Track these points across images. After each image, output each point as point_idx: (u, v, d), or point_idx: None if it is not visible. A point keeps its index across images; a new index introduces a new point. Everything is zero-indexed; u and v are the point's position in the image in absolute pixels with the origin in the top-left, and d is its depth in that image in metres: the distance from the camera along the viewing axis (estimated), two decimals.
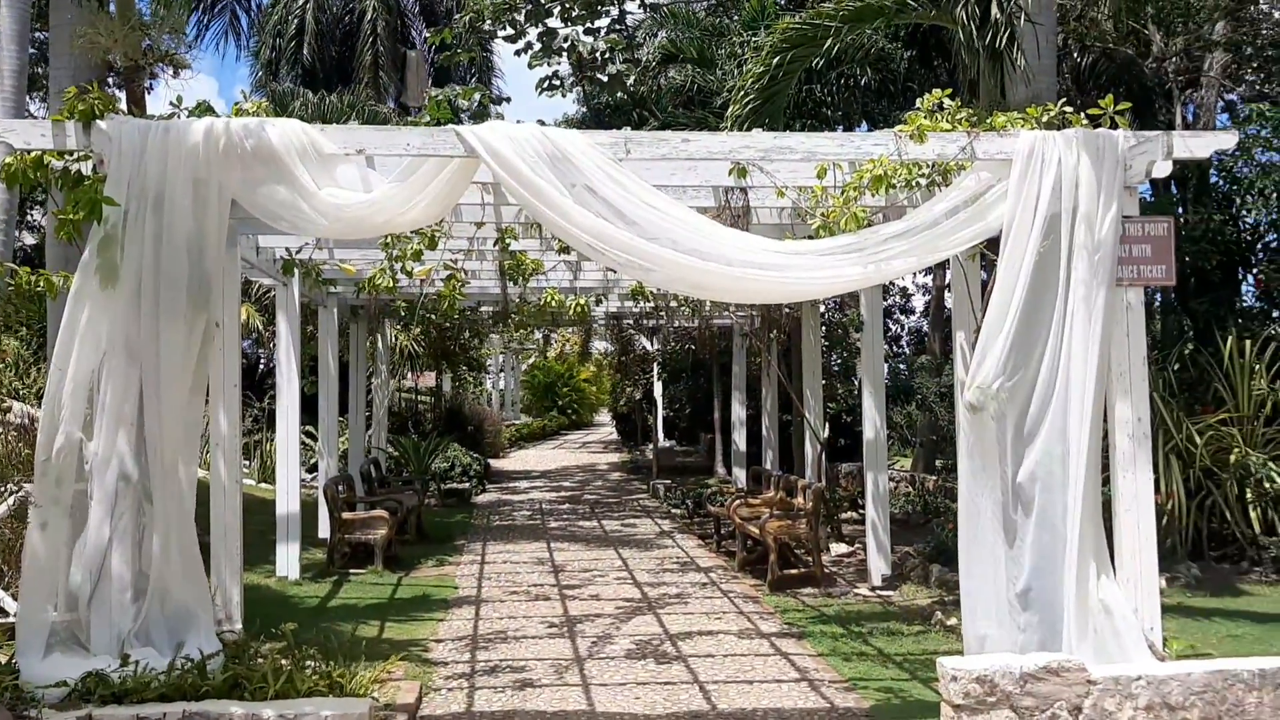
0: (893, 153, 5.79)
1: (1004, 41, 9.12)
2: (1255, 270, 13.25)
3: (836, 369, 16.34)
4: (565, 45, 15.66)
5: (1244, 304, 13.90)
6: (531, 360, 36.41)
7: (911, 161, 6.05)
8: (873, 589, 9.82)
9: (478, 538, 12.92)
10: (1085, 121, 6.06)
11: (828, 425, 12.40)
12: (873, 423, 10.04)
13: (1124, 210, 5.90)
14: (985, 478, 5.89)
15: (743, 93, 9.22)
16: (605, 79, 15.18)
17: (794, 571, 10.25)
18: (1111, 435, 5.93)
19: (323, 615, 8.55)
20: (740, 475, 16.24)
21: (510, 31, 16.19)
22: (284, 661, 5.67)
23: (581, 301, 9.60)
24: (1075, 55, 15.08)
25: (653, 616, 8.61)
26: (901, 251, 5.85)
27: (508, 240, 7.78)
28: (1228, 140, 6.10)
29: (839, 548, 11.82)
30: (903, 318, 22.04)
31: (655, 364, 23.95)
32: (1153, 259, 5.97)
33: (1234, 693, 5.10)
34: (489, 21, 16.42)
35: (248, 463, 16.21)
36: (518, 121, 6.05)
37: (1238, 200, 13.28)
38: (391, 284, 6.92)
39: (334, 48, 30.53)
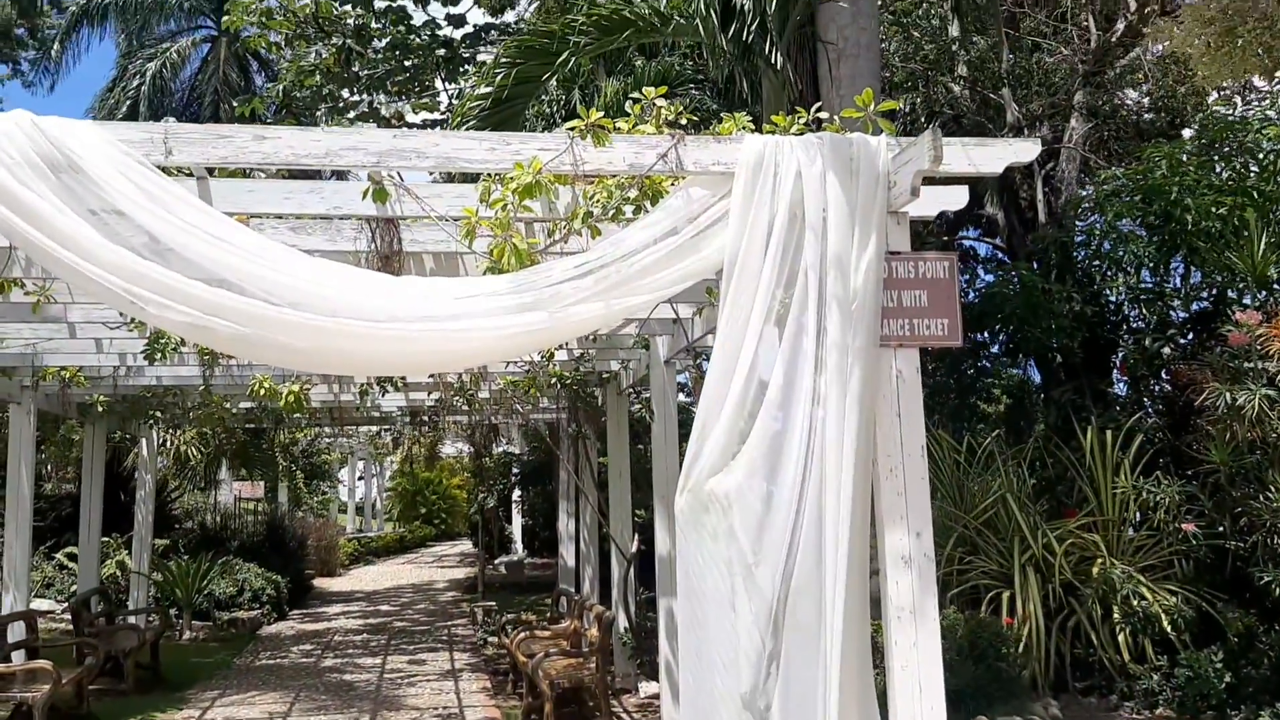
0: (559, 157, 4.06)
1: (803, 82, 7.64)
2: (1120, 353, 11.93)
3: None
4: (365, 109, 14.12)
5: (1114, 393, 12.60)
6: (395, 466, 33.97)
7: (609, 177, 4.38)
8: None
9: (222, 684, 10.63)
10: (839, 127, 4.46)
11: (637, 537, 10.52)
12: (663, 539, 8.20)
13: (889, 244, 4.26)
14: (709, 627, 4.09)
15: (461, 119, 7.54)
16: None
17: None
18: (880, 559, 4.16)
19: None
20: (586, 590, 14.23)
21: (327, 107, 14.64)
22: None
23: (295, 389, 7.62)
24: (923, 120, 13.88)
25: None
26: (584, 296, 4.10)
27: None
28: (1026, 151, 4.50)
29: (649, 687, 9.84)
30: None
31: (512, 467, 22.12)
32: (931, 310, 4.29)
33: None
34: (302, 90, 14.75)
35: None
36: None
37: (1098, 277, 12.04)
38: None
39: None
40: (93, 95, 28.66)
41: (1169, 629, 8.46)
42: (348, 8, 14.09)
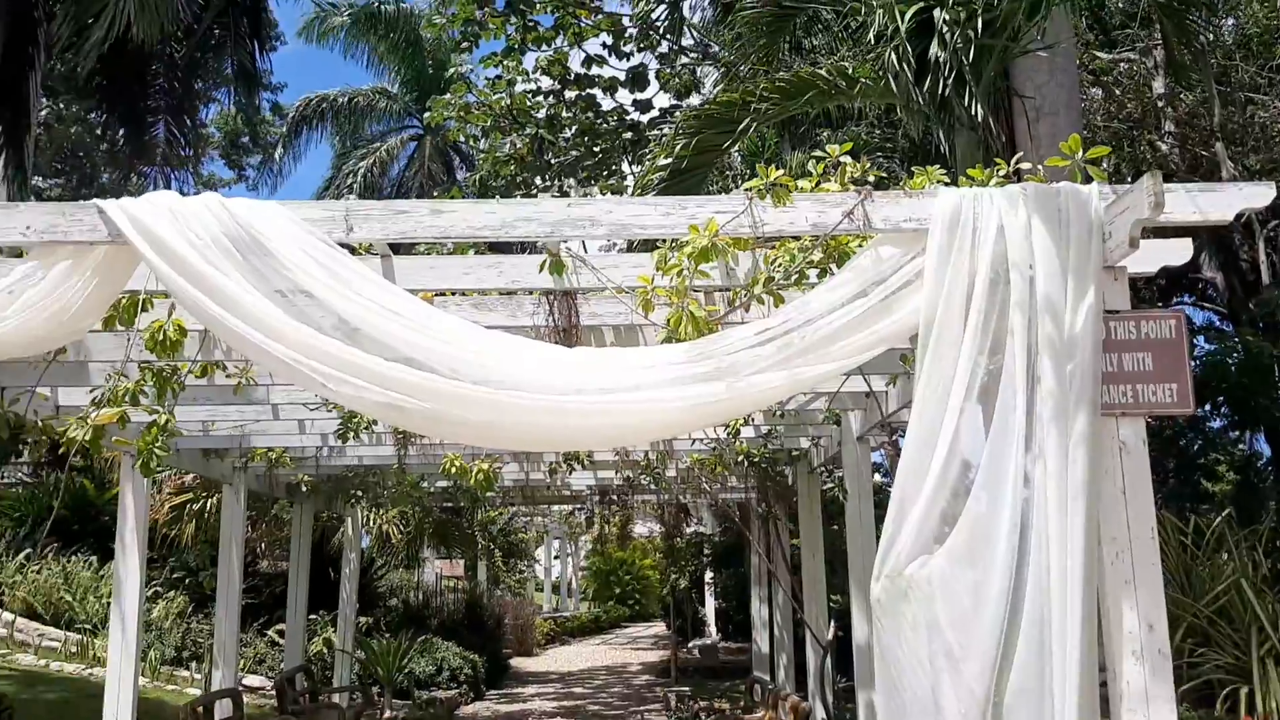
0: (736, 219, 3.87)
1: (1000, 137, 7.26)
2: None
3: None
4: (556, 195, 14.44)
5: None
6: (590, 546, 34.12)
7: (790, 240, 4.16)
8: None
9: None
10: (1043, 178, 4.11)
11: (833, 624, 10.01)
12: (861, 626, 7.73)
13: (1106, 302, 3.84)
14: None
15: (641, 190, 7.46)
16: None
17: None
18: (1107, 656, 3.68)
19: None
20: (781, 679, 13.72)
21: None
22: None
23: (485, 467, 7.63)
24: (1129, 181, 13.06)
25: None
26: (764, 366, 3.85)
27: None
28: (1260, 196, 4.00)
29: None
30: None
31: (703, 547, 21.77)
32: (1156, 374, 3.84)
33: None
34: (498, 180, 15.24)
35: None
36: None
37: None
38: (91, 436, 5.01)
39: None
40: (310, 194, 30.57)
41: None
42: (540, 99, 14.54)
